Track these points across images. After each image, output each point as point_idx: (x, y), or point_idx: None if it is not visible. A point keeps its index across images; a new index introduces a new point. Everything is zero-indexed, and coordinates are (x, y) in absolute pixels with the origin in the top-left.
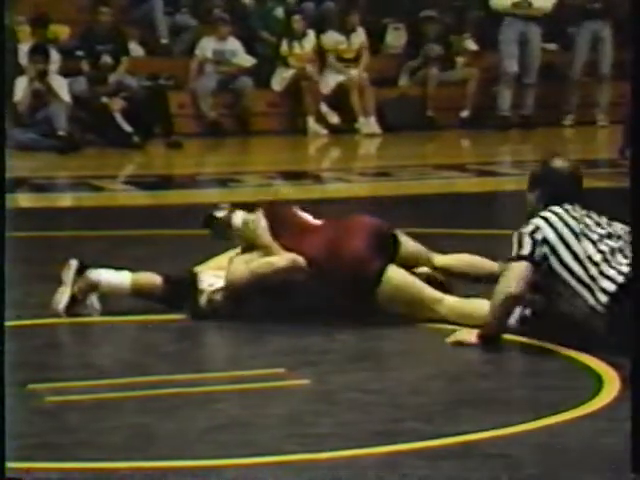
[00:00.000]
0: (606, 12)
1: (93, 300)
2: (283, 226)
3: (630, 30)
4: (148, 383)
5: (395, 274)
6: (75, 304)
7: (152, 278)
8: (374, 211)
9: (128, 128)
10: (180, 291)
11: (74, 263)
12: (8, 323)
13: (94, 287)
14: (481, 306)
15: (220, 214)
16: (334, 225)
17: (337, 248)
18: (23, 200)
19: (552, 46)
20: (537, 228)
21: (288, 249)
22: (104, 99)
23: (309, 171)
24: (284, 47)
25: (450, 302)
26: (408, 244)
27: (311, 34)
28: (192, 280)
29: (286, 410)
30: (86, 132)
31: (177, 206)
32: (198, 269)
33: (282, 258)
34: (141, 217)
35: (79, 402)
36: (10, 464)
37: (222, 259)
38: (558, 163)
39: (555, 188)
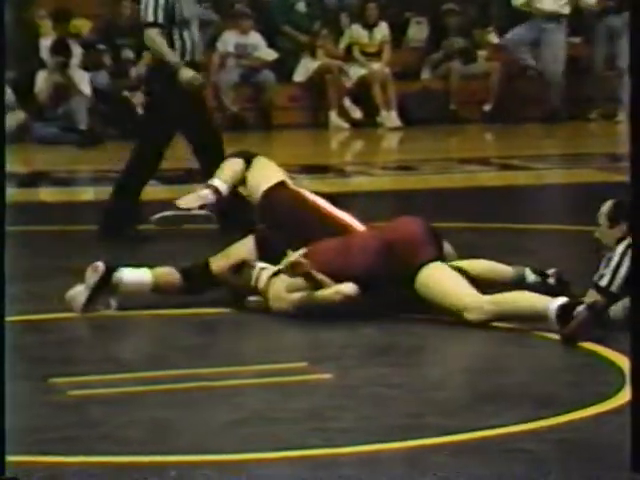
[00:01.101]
0: (624, 6)
1: (111, 300)
2: (322, 230)
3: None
4: (170, 377)
5: (439, 267)
6: (91, 302)
7: (171, 273)
8: (397, 205)
9: None
10: (199, 281)
11: (101, 267)
12: (29, 317)
13: (115, 288)
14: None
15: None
16: (382, 228)
17: (393, 242)
18: (44, 194)
19: (576, 39)
20: None
21: (334, 261)
22: (125, 93)
23: (331, 165)
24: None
25: (486, 303)
26: (447, 245)
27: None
28: (207, 271)
29: (308, 404)
30: (107, 126)
31: None
32: (211, 260)
33: (336, 294)
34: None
35: (101, 396)
36: (28, 457)
37: (237, 249)
38: None
39: None
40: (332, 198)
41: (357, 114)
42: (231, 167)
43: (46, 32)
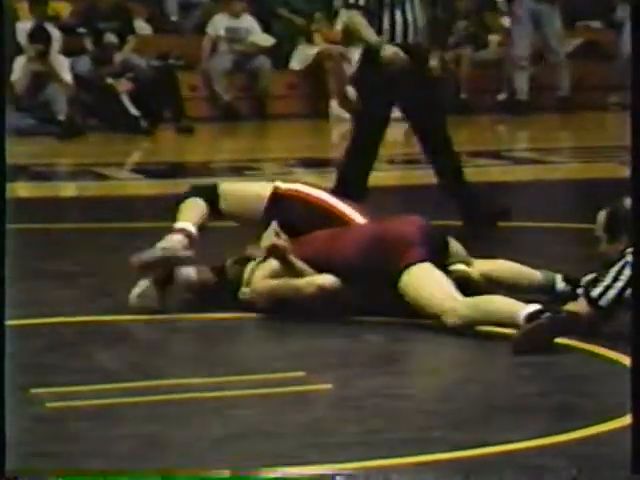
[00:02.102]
0: None
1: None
2: (320, 220)
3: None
4: (158, 387)
5: (425, 269)
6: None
7: (206, 271)
8: (402, 201)
9: (135, 112)
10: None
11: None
12: (7, 322)
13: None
14: (501, 303)
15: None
16: (377, 223)
17: (381, 238)
18: (22, 189)
19: (596, 24)
20: None
21: (320, 250)
22: (109, 80)
23: (332, 158)
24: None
25: (461, 307)
26: (456, 246)
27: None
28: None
29: (307, 417)
30: (89, 116)
31: None
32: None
33: (309, 284)
34: (149, 208)
35: (83, 408)
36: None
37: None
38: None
39: None
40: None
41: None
42: (192, 208)
43: (23, 15)
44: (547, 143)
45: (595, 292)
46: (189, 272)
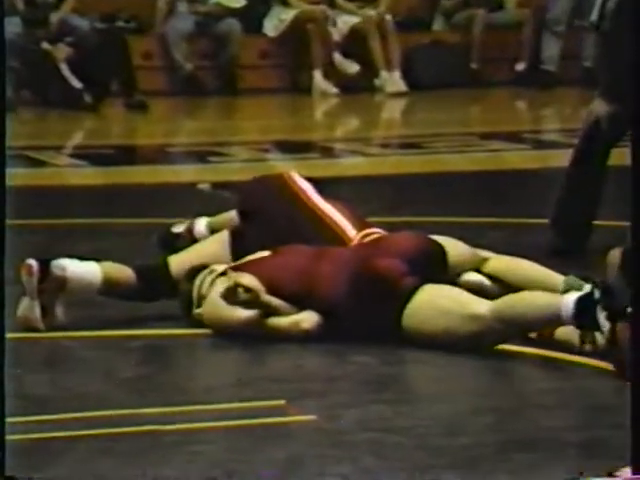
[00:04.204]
0: None
1: (57, 309)
2: (301, 224)
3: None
4: (107, 419)
5: (430, 290)
6: (49, 312)
7: (123, 269)
8: (399, 194)
9: (77, 84)
10: (156, 284)
11: (34, 264)
12: None
13: (61, 285)
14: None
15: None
16: (362, 249)
17: (361, 276)
18: None
19: None
20: None
21: (296, 281)
22: (45, 45)
23: (315, 142)
24: None
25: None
26: (456, 250)
27: None
28: (165, 273)
29: (285, 454)
30: (21, 88)
31: (141, 187)
32: (172, 259)
33: (293, 326)
34: (93, 201)
35: (15, 443)
36: None
37: (204, 247)
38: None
39: None
40: (316, 184)
41: (354, 69)
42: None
43: None
44: (577, 123)
45: None
46: (89, 270)
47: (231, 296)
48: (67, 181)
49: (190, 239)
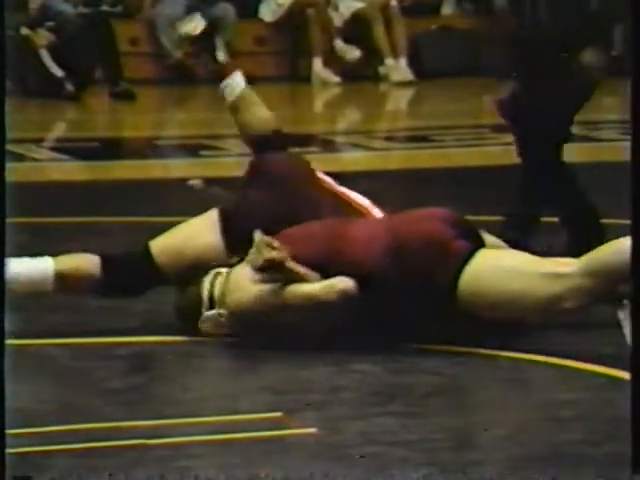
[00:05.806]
0: None
1: None
2: (326, 209)
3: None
4: (90, 431)
5: (488, 254)
6: None
7: (87, 260)
8: (406, 190)
9: (58, 71)
10: (129, 275)
11: None
12: None
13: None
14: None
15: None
16: (398, 217)
17: (404, 241)
18: None
19: None
20: None
21: (321, 249)
22: (24, 31)
23: (315, 134)
24: None
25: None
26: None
27: None
28: (148, 260)
29: (284, 470)
30: None
31: (127, 183)
32: (153, 243)
33: (328, 290)
34: (76, 198)
35: None
36: None
37: (184, 230)
38: None
39: None
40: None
41: (356, 54)
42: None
43: None
44: (598, 114)
45: None
46: (38, 266)
47: (258, 258)
48: (48, 177)
49: None
